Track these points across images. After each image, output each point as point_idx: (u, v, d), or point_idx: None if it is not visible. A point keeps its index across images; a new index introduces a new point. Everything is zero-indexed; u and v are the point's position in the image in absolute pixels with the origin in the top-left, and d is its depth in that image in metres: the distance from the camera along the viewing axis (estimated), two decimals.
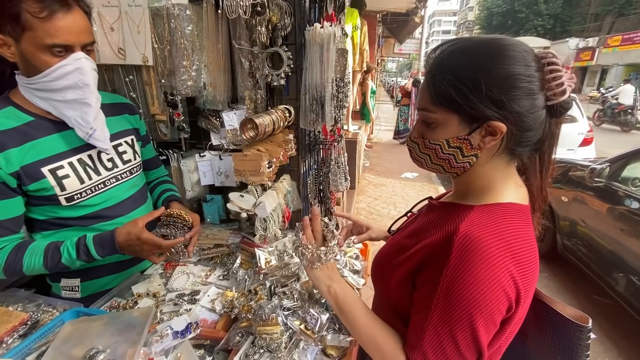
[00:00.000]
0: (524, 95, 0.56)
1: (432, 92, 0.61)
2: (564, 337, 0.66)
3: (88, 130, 0.92)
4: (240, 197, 1.19)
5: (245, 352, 0.81)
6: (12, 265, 0.91)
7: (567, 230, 3.13)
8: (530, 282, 0.59)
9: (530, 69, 0.56)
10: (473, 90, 0.56)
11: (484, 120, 0.57)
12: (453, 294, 0.55)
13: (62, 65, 0.83)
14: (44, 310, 1.02)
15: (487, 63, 0.56)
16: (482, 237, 0.56)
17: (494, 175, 0.63)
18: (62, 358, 0.81)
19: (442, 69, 0.60)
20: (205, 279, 1.17)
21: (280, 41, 1.20)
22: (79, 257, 0.93)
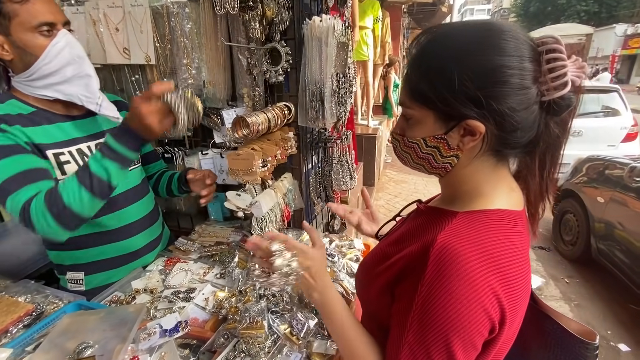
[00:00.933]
0: (508, 91, 0.48)
1: (407, 86, 0.56)
2: (568, 353, 0.61)
3: (97, 100, 0.97)
4: (237, 195, 1.18)
5: (226, 356, 0.80)
6: (53, 203, 0.83)
7: (603, 233, 2.89)
8: (519, 299, 0.52)
9: (518, 59, 0.49)
10: (447, 85, 0.50)
11: (461, 119, 0.51)
12: (428, 312, 0.50)
13: (54, 44, 0.89)
14: (50, 301, 1.07)
15: (464, 53, 0.50)
16: (461, 249, 0.49)
17: (481, 178, 0.57)
18: (56, 350, 0.84)
19: (417, 59, 0.54)
20: (202, 277, 1.18)
21: (278, 36, 1.17)
22: (104, 156, 0.86)
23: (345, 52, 1.22)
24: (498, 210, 0.55)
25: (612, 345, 2.35)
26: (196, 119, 0.89)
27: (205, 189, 1.14)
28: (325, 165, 1.50)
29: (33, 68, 0.90)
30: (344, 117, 1.38)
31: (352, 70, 1.34)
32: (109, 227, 1.10)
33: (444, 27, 0.54)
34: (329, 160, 1.49)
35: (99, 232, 1.09)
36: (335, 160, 1.47)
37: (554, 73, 0.49)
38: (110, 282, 1.15)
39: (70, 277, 1.13)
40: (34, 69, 0.90)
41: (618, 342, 2.38)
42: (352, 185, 1.59)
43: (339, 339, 0.66)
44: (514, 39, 0.49)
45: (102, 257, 1.11)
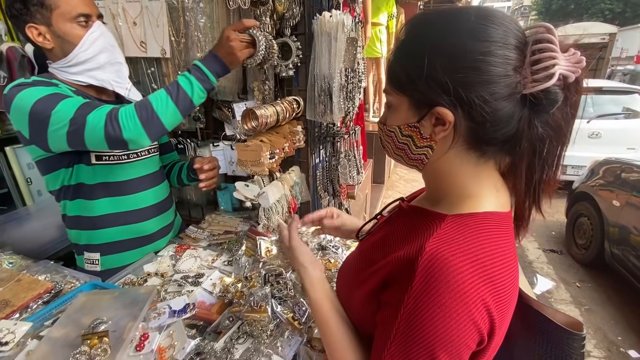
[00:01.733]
0: (479, 79, 0.45)
1: (388, 72, 0.55)
2: (555, 345, 0.59)
3: (127, 86, 1.06)
4: (246, 186, 1.22)
5: (231, 336, 0.84)
6: (142, 109, 0.92)
7: (617, 237, 2.82)
8: (507, 307, 0.50)
9: (499, 46, 0.45)
10: (417, 69, 0.48)
11: (431, 106, 0.49)
12: (414, 325, 0.46)
13: (91, 33, 0.98)
14: (68, 281, 1.13)
15: (438, 37, 0.48)
16: (452, 259, 0.46)
17: (463, 175, 0.54)
18: (72, 325, 0.90)
19: (397, 44, 0.53)
20: (211, 263, 1.22)
21: (288, 31, 1.20)
22: (192, 74, 0.97)
23: (355, 47, 1.24)
24: (487, 213, 0.52)
25: (622, 352, 2.31)
26: (272, 55, 1.06)
27: (203, 173, 1.18)
28: (332, 159, 1.52)
29: (71, 55, 0.99)
30: (352, 112, 1.40)
31: (361, 65, 1.35)
32: (126, 209, 1.16)
33: (430, 12, 0.53)
34: (337, 155, 1.51)
35: (116, 213, 1.15)
36: (343, 155, 1.49)
37: (539, 65, 0.45)
38: (123, 265, 1.21)
39: (87, 257, 1.19)
40: (71, 56, 0.99)
41: (628, 348, 2.33)
42: (358, 180, 1.61)
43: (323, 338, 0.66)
44: (496, 25, 0.46)
45: (117, 238, 1.17)
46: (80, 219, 1.15)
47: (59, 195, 1.14)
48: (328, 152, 1.56)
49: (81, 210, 1.14)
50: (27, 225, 1.53)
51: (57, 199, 1.16)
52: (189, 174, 1.30)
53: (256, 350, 0.79)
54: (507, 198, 0.56)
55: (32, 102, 0.90)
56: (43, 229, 1.56)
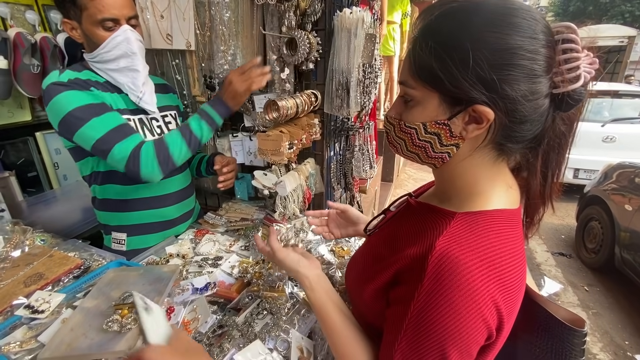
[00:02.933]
0: (523, 76, 0.45)
1: (412, 62, 0.51)
2: (556, 340, 0.60)
3: (138, 94, 1.10)
4: (264, 175, 1.27)
5: (251, 312, 0.89)
6: (160, 151, 1.02)
7: (628, 242, 2.80)
8: (515, 303, 0.52)
9: (537, 42, 0.45)
10: (458, 63, 0.45)
11: (468, 103, 0.47)
12: (425, 321, 0.47)
13: (114, 37, 1.02)
14: (95, 259, 1.21)
15: (480, 29, 0.45)
16: (462, 257, 0.46)
17: (478, 174, 0.54)
18: (103, 297, 0.96)
19: (427, 34, 0.49)
20: (229, 248, 1.28)
21: (310, 27, 1.24)
22: (202, 118, 1.08)
23: (373, 43, 1.27)
24: (497, 210, 0.52)
25: (629, 356, 2.31)
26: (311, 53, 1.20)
27: (223, 175, 1.25)
28: (346, 152, 1.56)
29: (94, 53, 1.05)
30: (368, 107, 1.43)
31: (378, 61, 1.39)
32: (153, 194, 1.23)
33: (456, 1, 0.49)
34: (351, 148, 1.55)
35: (143, 198, 1.22)
36: (357, 148, 1.53)
37: (569, 64, 0.45)
38: (146, 247, 1.27)
39: (115, 237, 1.26)
40: (95, 53, 1.05)
41: (635, 353, 2.33)
42: (371, 175, 1.65)
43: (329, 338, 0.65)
44: (533, 20, 0.45)
45: (143, 221, 1.24)
46: (109, 201, 1.22)
47: (90, 180, 1.22)
48: (342, 145, 1.60)
49: (111, 194, 1.21)
50: (54, 207, 1.62)
51: (88, 184, 1.24)
52: (208, 168, 1.36)
53: (275, 324, 0.84)
54: (517, 195, 0.57)
55: (68, 109, 0.97)
56: (69, 211, 1.65)
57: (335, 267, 1.05)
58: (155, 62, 1.52)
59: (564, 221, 4.13)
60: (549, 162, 0.53)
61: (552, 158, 0.53)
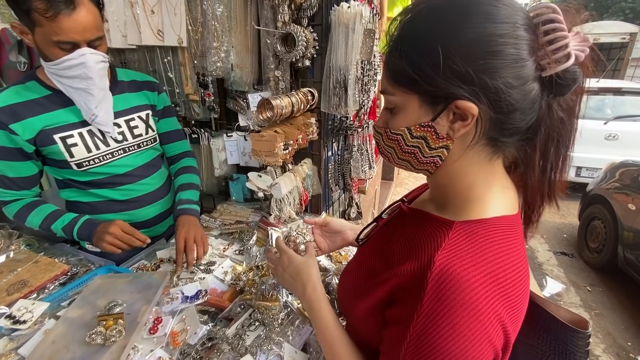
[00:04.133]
0: (501, 63, 0.42)
1: (387, 69, 0.49)
2: (559, 342, 0.57)
3: (90, 116, 1.03)
4: (259, 176, 1.22)
5: (242, 323, 0.85)
6: (19, 217, 1.08)
7: (631, 242, 2.76)
8: (520, 316, 0.48)
9: (511, 26, 0.42)
10: (430, 61, 0.43)
11: (448, 100, 0.44)
12: (425, 345, 0.43)
13: (68, 59, 0.90)
14: (83, 264, 1.16)
15: (449, 24, 0.43)
16: (464, 273, 0.43)
17: (474, 175, 0.50)
18: (88, 306, 0.92)
19: (397, 40, 0.48)
20: (222, 252, 1.23)
21: (305, 22, 1.19)
22: (64, 231, 1.09)
23: (372, 39, 1.22)
24: (496, 218, 0.49)
25: (632, 357, 2.27)
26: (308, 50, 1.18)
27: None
28: (345, 153, 1.52)
29: (48, 64, 0.95)
30: (367, 105, 1.39)
31: (377, 58, 1.34)
32: (122, 198, 1.18)
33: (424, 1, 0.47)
34: (349, 148, 1.51)
35: (113, 201, 1.16)
36: (356, 148, 1.49)
37: (554, 45, 0.43)
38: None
39: None
40: (48, 65, 0.95)
41: (638, 354, 2.29)
42: (370, 175, 1.60)
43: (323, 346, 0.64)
44: (505, 6, 0.43)
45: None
46: (76, 204, 1.17)
47: (57, 183, 1.17)
48: (340, 145, 1.56)
49: (75, 197, 1.16)
50: None
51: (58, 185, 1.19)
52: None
53: (267, 337, 0.79)
54: (514, 198, 0.53)
55: None
56: None
57: (332, 274, 1.01)
58: (146, 60, 1.47)
59: (566, 220, 4.08)
60: (547, 154, 0.49)
61: (550, 149, 0.49)
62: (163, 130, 1.28)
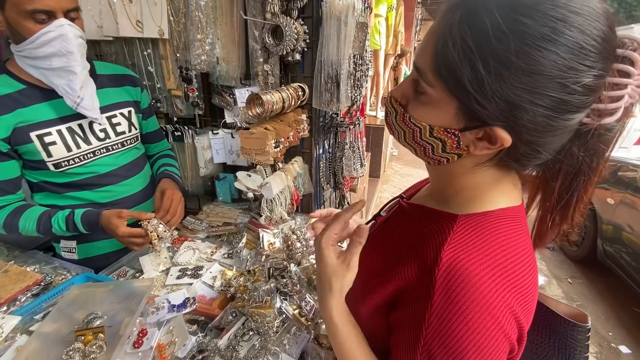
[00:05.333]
0: (562, 109, 0.37)
1: (437, 55, 0.41)
2: (559, 337, 0.57)
3: (75, 99, 0.93)
4: (248, 176, 1.17)
5: (235, 333, 0.80)
6: (9, 225, 0.97)
7: (610, 235, 2.86)
8: (532, 308, 0.47)
9: (590, 71, 0.36)
10: (494, 79, 0.36)
11: (487, 124, 0.40)
12: (441, 346, 0.42)
13: (45, 32, 0.83)
14: (58, 272, 1.07)
15: (529, 40, 0.35)
16: (473, 268, 0.41)
17: (481, 177, 0.48)
18: (65, 320, 0.84)
19: (468, 23, 0.37)
20: (210, 256, 1.18)
21: (295, 13, 1.14)
22: (68, 230, 0.99)
23: (365, 33, 1.19)
24: (501, 210, 0.47)
25: (613, 347, 2.35)
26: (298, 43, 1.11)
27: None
28: (336, 150, 1.48)
29: (20, 47, 0.87)
30: (359, 102, 1.35)
31: (369, 52, 1.30)
32: (102, 201, 1.09)
33: None
34: (341, 146, 1.47)
35: (88, 203, 1.08)
36: (348, 146, 1.45)
37: (614, 92, 0.38)
38: (103, 253, 1.15)
39: (64, 246, 1.13)
40: (20, 47, 0.87)
41: (619, 344, 2.37)
42: (361, 173, 1.57)
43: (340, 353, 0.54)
44: (591, 34, 0.35)
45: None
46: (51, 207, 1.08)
47: (30, 186, 1.08)
48: (331, 142, 1.51)
49: (50, 201, 1.06)
50: None
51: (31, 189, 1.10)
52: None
53: (263, 347, 0.75)
54: (520, 191, 0.52)
55: None
56: None
57: None
58: (124, 52, 1.38)
59: None
60: (569, 188, 0.46)
61: (574, 184, 0.46)
62: (147, 130, 1.22)
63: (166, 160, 1.27)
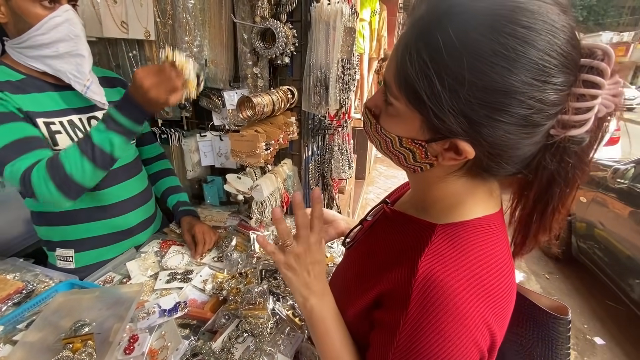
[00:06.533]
0: (517, 125, 0.38)
1: (398, 69, 0.42)
2: (542, 329, 0.59)
3: (85, 82, 0.93)
4: (238, 178, 1.16)
5: (229, 335, 0.80)
6: (55, 172, 0.82)
7: (584, 232, 3.00)
8: (506, 316, 0.48)
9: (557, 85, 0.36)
10: (448, 94, 0.37)
11: (450, 136, 0.41)
12: (413, 352, 0.43)
13: (52, 17, 0.85)
14: (40, 280, 1.04)
15: (484, 56, 0.35)
16: (448, 279, 0.43)
17: (457, 185, 0.49)
18: (50, 328, 0.82)
19: (424, 35, 0.38)
20: (199, 260, 1.16)
21: (284, 17, 1.15)
22: (108, 128, 0.84)
23: (352, 37, 1.21)
24: (477, 219, 0.48)
25: (589, 339, 2.46)
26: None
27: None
28: (325, 152, 1.49)
29: (25, 35, 0.87)
30: (347, 105, 1.37)
31: (356, 57, 1.33)
32: (101, 203, 1.07)
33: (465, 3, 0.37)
34: (329, 148, 1.48)
35: (91, 208, 1.05)
36: (336, 148, 1.47)
37: (581, 102, 0.38)
38: (101, 261, 1.12)
39: (60, 254, 1.09)
40: (25, 36, 0.87)
41: (594, 335, 2.49)
42: (350, 175, 1.60)
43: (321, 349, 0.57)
44: (552, 49, 0.35)
45: (93, 234, 1.08)
46: (48, 215, 1.04)
47: None
48: (319, 145, 1.53)
49: (49, 206, 1.03)
50: None
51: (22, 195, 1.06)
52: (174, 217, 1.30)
53: (258, 349, 0.75)
54: (498, 196, 0.53)
55: None
56: (7, 224, 1.43)
57: None
58: (109, 53, 1.35)
59: None
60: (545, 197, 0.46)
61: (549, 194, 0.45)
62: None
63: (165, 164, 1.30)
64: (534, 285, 3.07)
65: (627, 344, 2.41)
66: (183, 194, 1.31)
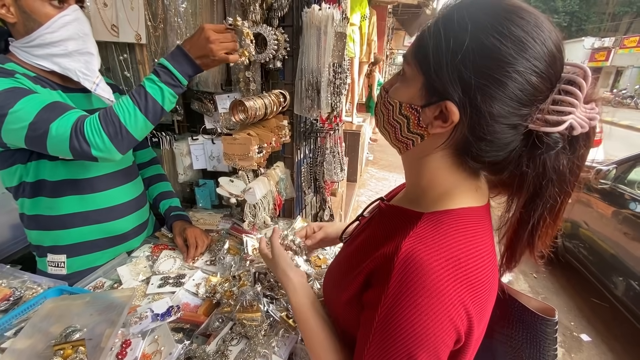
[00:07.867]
0: (501, 96, 0.43)
1: (418, 41, 0.50)
2: (530, 330, 0.60)
3: (94, 80, 0.94)
4: (230, 182, 1.17)
5: (223, 338, 0.80)
6: (109, 122, 0.82)
7: (569, 231, 3.08)
8: (485, 304, 0.50)
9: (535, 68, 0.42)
10: (449, 52, 0.44)
11: (442, 98, 0.46)
12: (392, 325, 0.46)
13: (62, 16, 0.87)
14: (28, 287, 1.02)
15: (486, 29, 0.43)
16: (426, 258, 0.45)
17: (444, 175, 0.53)
18: (40, 335, 0.81)
19: (442, 17, 0.48)
20: (192, 263, 1.16)
21: (276, 22, 1.16)
22: (160, 79, 0.86)
23: (343, 42, 1.23)
24: (462, 209, 0.51)
25: (575, 336, 2.52)
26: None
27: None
28: (317, 155, 1.51)
29: (34, 34, 0.87)
30: (339, 108, 1.39)
31: (347, 61, 1.35)
32: (96, 207, 1.06)
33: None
34: (322, 151, 1.50)
35: (86, 212, 1.05)
36: (328, 151, 1.48)
37: (558, 106, 0.43)
38: (93, 266, 1.11)
39: (51, 260, 1.07)
40: (35, 35, 0.87)
41: (580, 332, 2.55)
42: (342, 177, 1.61)
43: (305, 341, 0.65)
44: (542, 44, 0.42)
45: (86, 238, 1.07)
46: (42, 218, 1.03)
47: (17, 193, 1.02)
48: (312, 148, 1.54)
49: (43, 209, 1.02)
50: None
51: (14, 197, 1.04)
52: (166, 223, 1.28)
53: (252, 351, 0.75)
54: (485, 190, 0.56)
55: None
56: None
57: (312, 278, 0.99)
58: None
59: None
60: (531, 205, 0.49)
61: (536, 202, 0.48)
62: None
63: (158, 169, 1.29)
64: (523, 285, 3.14)
65: (612, 340, 2.47)
66: (175, 199, 1.31)
